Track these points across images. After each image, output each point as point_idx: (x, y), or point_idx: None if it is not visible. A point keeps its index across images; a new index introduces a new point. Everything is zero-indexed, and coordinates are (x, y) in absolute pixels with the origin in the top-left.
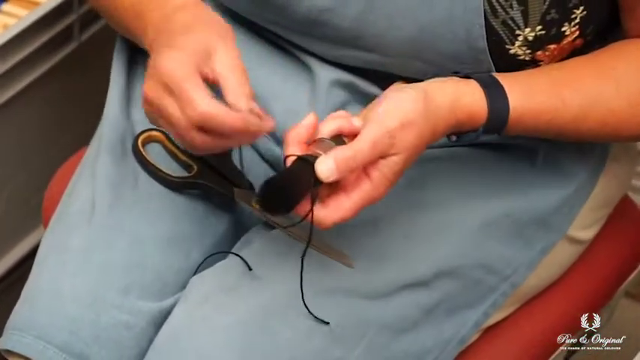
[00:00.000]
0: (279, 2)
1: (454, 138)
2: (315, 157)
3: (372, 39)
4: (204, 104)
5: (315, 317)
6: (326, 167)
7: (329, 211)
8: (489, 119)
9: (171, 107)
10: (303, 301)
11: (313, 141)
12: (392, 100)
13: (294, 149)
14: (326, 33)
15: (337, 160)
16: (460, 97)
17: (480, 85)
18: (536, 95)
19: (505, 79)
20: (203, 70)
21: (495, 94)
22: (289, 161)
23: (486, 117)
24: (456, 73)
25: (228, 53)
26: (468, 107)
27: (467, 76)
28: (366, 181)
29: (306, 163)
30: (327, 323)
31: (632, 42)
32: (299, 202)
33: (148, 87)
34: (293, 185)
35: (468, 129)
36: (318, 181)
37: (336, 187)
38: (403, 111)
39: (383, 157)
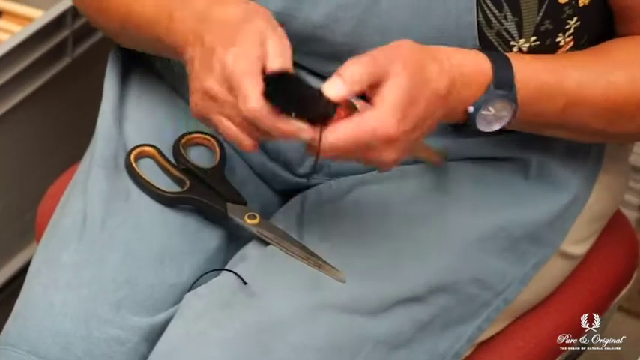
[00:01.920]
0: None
1: (471, 109)
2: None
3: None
4: (254, 101)
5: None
6: (332, 85)
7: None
8: (495, 72)
9: (227, 107)
10: None
11: None
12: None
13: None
14: (320, 49)
15: (344, 75)
16: (460, 51)
17: (478, 50)
18: (536, 61)
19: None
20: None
21: (495, 54)
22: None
23: (491, 69)
24: None
25: (278, 44)
26: (471, 61)
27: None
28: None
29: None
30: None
31: (625, 37)
32: (307, 105)
33: (212, 83)
34: (307, 90)
35: (476, 88)
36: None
37: None
38: (395, 44)
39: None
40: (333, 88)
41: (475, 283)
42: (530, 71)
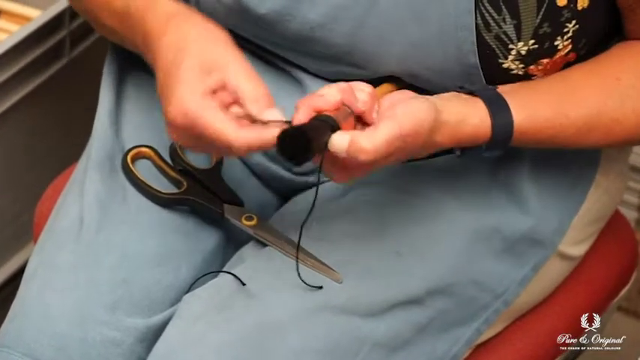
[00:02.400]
0: (271, 18)
1: (458, 153)
2: (332, 119)
3: (363, 55)
4: (244, 141)
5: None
6: (339, 143)
7: None
8: (493, 138)
9: (211, 147)
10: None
11: None
12: (410, 106)
13: (304, 113)
14: (317, 50)
15: (351, 143)
16: (465, 119)
17: (485, 103)
18: (539, 112)
19: (509, 96)
20: (213, 87)
21: (500, 113)
22: (301, 116)
23: (490, 136)
24: (461, 88)
25: (236, 61)
26: (472, 129)
27: (471, 92)
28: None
29: (325, 123)
30: (321, 287)
31: (636, 46)
32: (315, 153)
33: (180, 138)
34: (314, 134)
35: (471, 146)
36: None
37: None
38: (419, 119)
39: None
40: (336, 147)
41: (473, 286)
42: (529, 124)
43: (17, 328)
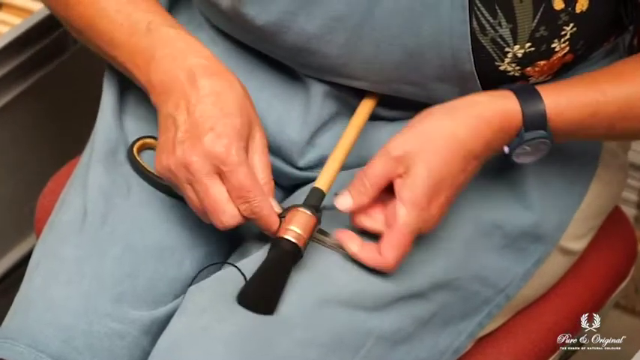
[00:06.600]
0: (269, 30)
1: (507, 149)
2: (290, 241)
3: (359, 65)
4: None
5: None
6: (344, 201)
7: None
8: (526, 114)
9: (217, 189)
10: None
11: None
12: None
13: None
14: (314, 61)
15: (351, 192)
16: (484, 97)
17: (507, 88)
18: (569, 88)
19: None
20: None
21: (524, 91)
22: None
23: (521, 111)
24: None
25: (261, 142)
26: (497, 104)
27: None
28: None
29: (282, 252)
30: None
31: None
32: (281, 294)
33: (195, 161)
34: (272, 283)
35: (508, 135)
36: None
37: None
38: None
39: (397, 176)
40: (343, 204)
41: (476, 280)
42: (563, 103)
43: (22, 320)
